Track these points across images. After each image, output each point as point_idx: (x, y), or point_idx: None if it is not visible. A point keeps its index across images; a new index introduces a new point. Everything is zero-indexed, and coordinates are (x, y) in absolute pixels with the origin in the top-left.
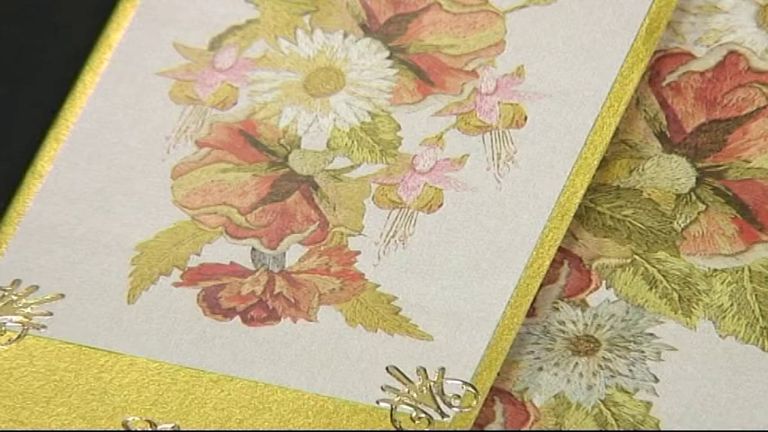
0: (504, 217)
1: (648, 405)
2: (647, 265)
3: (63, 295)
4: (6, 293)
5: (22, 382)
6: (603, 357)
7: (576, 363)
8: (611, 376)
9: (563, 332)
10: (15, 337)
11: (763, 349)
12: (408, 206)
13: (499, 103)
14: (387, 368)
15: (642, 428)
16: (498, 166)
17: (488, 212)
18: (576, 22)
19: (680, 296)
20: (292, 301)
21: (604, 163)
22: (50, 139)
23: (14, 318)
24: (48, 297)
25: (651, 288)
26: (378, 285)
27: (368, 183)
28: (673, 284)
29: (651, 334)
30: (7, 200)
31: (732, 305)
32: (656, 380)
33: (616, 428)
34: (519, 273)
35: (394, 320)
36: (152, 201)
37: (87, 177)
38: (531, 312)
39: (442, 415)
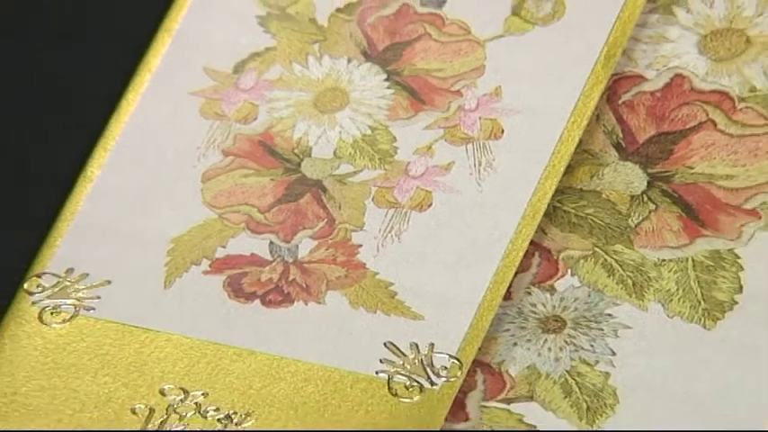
0: (484, 215)
1: (607, 375)
2: (606, 256)
3: (109, 281)
4: (61, 280)
5: (74, 356)
6: (569, 335)
7: (546, 339)
8: (575, 350)
9: (534, 313)
10: (69, 317)
11: (704, 327)
12: (403, 206)
13: (480, 118)
14: (384, 344)
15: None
16: (479, 172)
17: (471, 212)
18: (545, 50)
19: (633, 282)
20: (304, 286)
21: (569, 169)
22: (99, 148)
23: (68, 301)
24: (96, 283)
25: (609, 275)
26: (377, 273)
27: (368, 186)
28: (627, 272)
29: (609, 314)
30: (62, 200)
31: (678, 290)
32: (614, 353)
33: (580, 395)
34: (497, 263)
35: (391, 303)
36: (185, 201)
37: (130, 181)
38: (507, 296)
39: (432, 383)
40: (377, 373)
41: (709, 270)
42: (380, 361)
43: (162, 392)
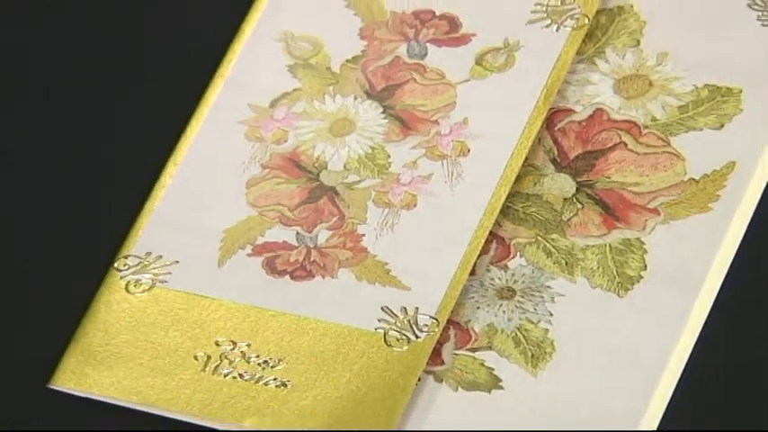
0: (455, 213)
1: (546, 331)
2: (546, 243)
3: (177, 261)
4: (142, 260)
5: (151, 317)
6: (518, 301)
7: (501, 304)
8: (523, 312)
9: (492, 285)
10: (147, 288)
11: (618, 295)
12: (395, 206)
13: (452, 140)
14: (381, 308)
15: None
16: (452, 181)
17: (445, 210)
18: (500, 90)
19: (566, 262)
20: (321, 265)
21: (518, 178)
22: (170, 162)
23: (146, 276)
24: (168, 263)
25: (548, 257)
26: (375, 255)
27: (369, 191)
28: (561, 255)
29: (548, 286)
30: (142, 201)
31: (598, 268)
32: (551, 315)
33: (526, 346)
34: (464, 248)
35: (386, 278)
36: (233, 202)
37: (192, 187)
38: (472, 273)
39: (416, 337)
40: (376, 329)
41: (621, 253)
42: (378, 320)
43: (216, 343)
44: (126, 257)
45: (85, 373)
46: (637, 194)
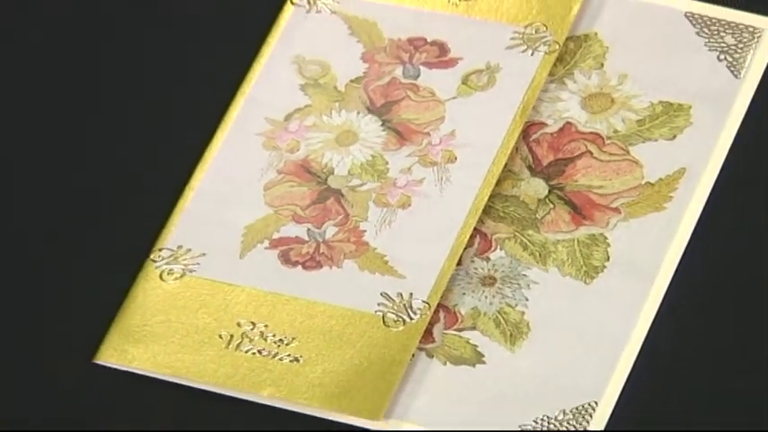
0: (443, 212)
1: (522, 313)
2: (522, 238)
3: (204, 254)
4: (174, 252)
5: (182, 302)
6: (498, 287)
7: (483, 290)
8: (502, 298)
9: (476, 274)
10: (179, 276)
11: (585, 283)
12: (392, 205)
13: (441, 149)
14: (380, 293)
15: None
16: (441, 184)
17: (435, 209)
18: (483, 106)
19: (540, 254)
20: (329, 257)
21: (499, 182)
22: (198, 169)
23: (178, 266)
24: (196, 255)
25: (524, 250)
26: (376, 248)
27: (370, 193)
28: (536, 248)
29: (524, 275)
30: (174, 202)
31: (568, 259)
32: (527, 299)
33: (506, 327)
34: (452, 242)
35: (385, 267)
36: (253, 202)
37: (218, 189)
38: (459, 263)
39: (411, 318)
40: (375, 312)
41: (587, 246)
42: (378, 304)
43: (238, 324)
44: (160, 250)
45: (125, 350)
46: (601, 196)
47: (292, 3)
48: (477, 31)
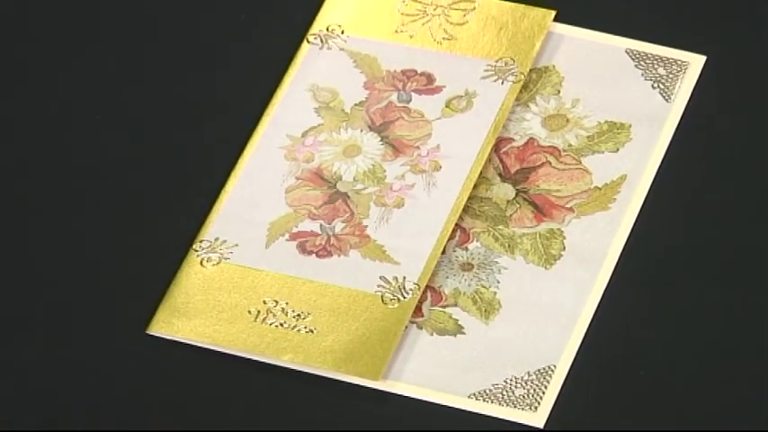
0: (429, 209)
1: (495, 293)
2: (494, 232)
3: (237, 245)
4: (212, 243)
5: (218, 284)
6: (475, 272)
7: (463, 274)
8: (479, 280)
9: (457, 261)
10: (216, 263)
11: (545, 268)
12: (389, 206)
13: (429, 160)
14: (379, 277)
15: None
16: (429, 188)
17: (423, 208)
18: (463, 125)
19: (508, 244)
20: (338, 247)
21: (475, 186)
22: (232, 176)
23: (215, 254)
24: (230, 245)
25: (496, 241)
26: (376, 240)
27: (371, 195)
28: (505, 240)
29: (496, 262)
30: (212, 204)
31: (531, 249)
32: (498, 282)
33: (481, 304)
34: (437, 235)
35: (383, 256)
36: (276, 203)
37: (248, 193)
38: (443, 252)
39: (404, 297)
40: (375, 292)
41: (547, 239)
42: (377, 286)
43: (264, 302)
44: (201, 242)
45: (172, 323)
46: (558, 198)
47: (308, 42)
48: (458, 64)
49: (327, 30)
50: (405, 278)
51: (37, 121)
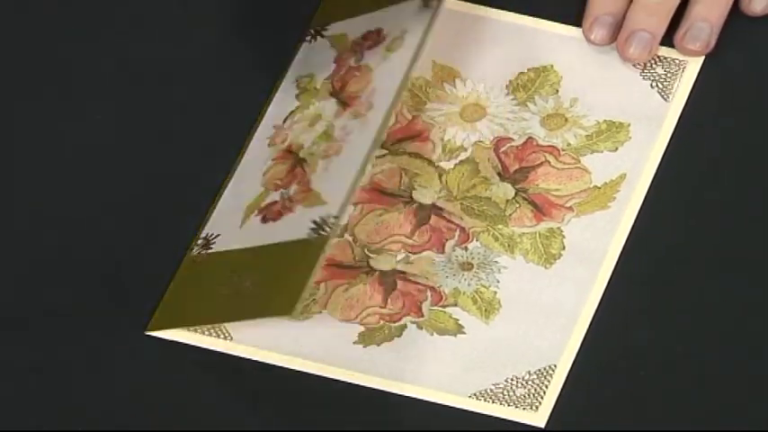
0: (357, 149)
1: (495, 293)
2: (494, 231)
3: (220, 234)
4: (206, 240)
5: (207, 268)
6: (475, 272)
7: (463, 274)
8: (479, 280)
9: (457, 260)
10: (206, 256)
11: (545, 268)
12: (330, 155)
13: (365, 103)
14: (311, 221)
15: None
16: (362, 128)
17: (354, 149)
18: (392, 64)
19: (508, 244)
20: (288, 207)
21: (474, 186)
22: (229, 176)
23: (206, 250)
24: (215, 236)
25: (495, 241)
26: (316, 190)
27: (321, 152)
28: (505, 239)
29: (496, 261)
30: (213, 199)
31: (531, 248)
32: (498, 281)
33: (481, 304)
34: (357, 167)
35: (319, 201)
36: (254, 188)
37: (239, 189)
38: (443, 252)
39: (325, 232)
40: (308, 235)
41: (547, 238)
42: (309, 229)
43: (230, 278)
44: (198, 240)
45: (172, 323)
46: (557, 197)
47: (305, 41)
48: (400, 10)
49: (322, 28)
50: (329, 215)
51: (36, 121)
